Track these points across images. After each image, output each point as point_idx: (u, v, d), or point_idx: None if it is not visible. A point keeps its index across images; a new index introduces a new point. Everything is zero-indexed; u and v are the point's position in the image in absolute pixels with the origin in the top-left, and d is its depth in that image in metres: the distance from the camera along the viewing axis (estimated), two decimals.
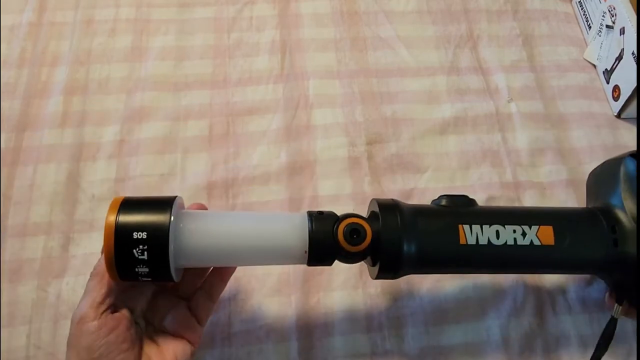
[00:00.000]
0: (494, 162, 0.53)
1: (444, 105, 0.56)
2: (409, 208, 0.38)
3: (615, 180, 0.40)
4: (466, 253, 0.37)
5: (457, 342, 0.45)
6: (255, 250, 0.36)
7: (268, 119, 0.54)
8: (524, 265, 0.40)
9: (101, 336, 0.33)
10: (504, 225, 0.37)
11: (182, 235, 0.34)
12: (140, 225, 0.33)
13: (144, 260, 0.33)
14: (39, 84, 0.55)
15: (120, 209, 0.34)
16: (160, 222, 0.33)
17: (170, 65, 0.57)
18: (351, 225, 0.36)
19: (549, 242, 0.38)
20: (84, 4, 0.60)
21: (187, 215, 0.36)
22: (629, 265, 0.38)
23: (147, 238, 0.33)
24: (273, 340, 0.44)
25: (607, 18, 0.58)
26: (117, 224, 0.33)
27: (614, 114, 0.57)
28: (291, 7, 0.61)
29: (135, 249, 0.33)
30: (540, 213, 0.41)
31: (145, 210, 0.34)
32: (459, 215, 0.38)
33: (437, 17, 0.62)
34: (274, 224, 0.37)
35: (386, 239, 0.36)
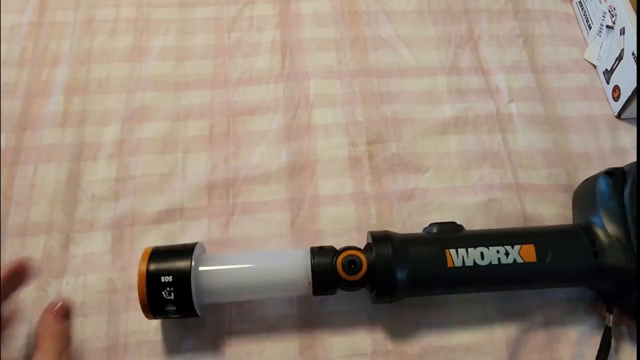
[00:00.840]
0: (494, 162, 0.53)
1: (444, 105, 0.56)
2: (400, 238, 0.42)
3: (592, 199, 0.43)
4: (454, 275, 0.41)
5: (460, 342, 0.45)
6: (265, 286, 0.42)
7: (268, 119, 0.54)
8: (509, 282, 0.43)
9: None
10: (487, 247, 0.41)
11: (201, 277, 0.40)
12: (166, 270, 0.39)
13: (171, 300, 0.39)
14: (39, 83, 0.55)
15: (150, 258, 0.40)
16: (182, 267, 0.39)
17: (170, 65, 0.57)
18: (348, 257, 0.40)
19: (532, 259, 0.41)
20: (85, 4, 0.60)
21: (206, 259, 0.42)
22: (610, 275, 0.41)
23: (172, 281, 0.39)
24: (274, 340, 0.44)
25: (607, 18, 0.58)
26: (148, 271, 0.39)
27: (614, 114, 0.57)
28: (291, 6, 0.61)
29: (163, 290, 0.39)
30: (522, 233, 0.44)
31: (171, 257, 0.40)
32: (445, 241, 0.42)
33: (438, 17, 0.62)
34: (280, 261, 0.42)
35: (380, 267, 0.40)
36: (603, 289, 0.43)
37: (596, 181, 0.43)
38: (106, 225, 0.48)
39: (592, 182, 0.44)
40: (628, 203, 0.41)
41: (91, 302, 0.45)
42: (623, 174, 0.42)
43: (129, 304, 0.45)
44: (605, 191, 0.42)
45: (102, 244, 0.47)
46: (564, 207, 0.51)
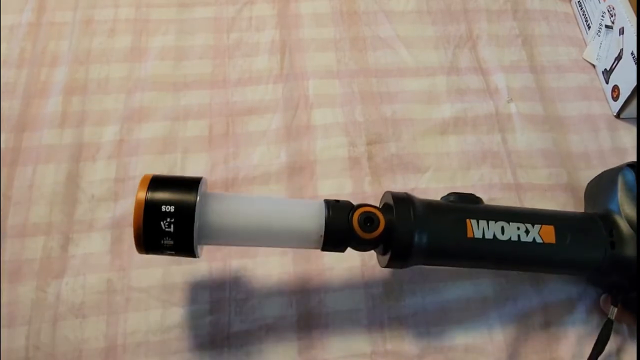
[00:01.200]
0: (494, 162, 0.53)
1: (443, 105, 0.56)
2: (421, 202, 0.40)
3: (613, 188, 0.43)
4: (473, 246, 0.39)
5: (459, 342, 0.45)
6: (274, 232, 0.39)
7: (268, 119, 0.54)
8: (526, 261, 0.41)
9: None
10: (508, 222, 0.40)
11: (207, 212, 0.37)
12: (169, 200, 0.36)
13: (169, 232, 0.35)
14: (38, 84, 0.55)
15: (150, 185, 0.36)
16: (187, 198, 0.36)
17: (169, 65, 0.57)
18: (366, 213, 0.38)
19: (551, 241, 0.40)
20: (84, 4, 0.60)
21: (212, 196, 0.38)
22: (625, 267, 0.41)
23: (174, 212, 0.35)
24: (273, 341, 0.44)
25: (606, 18, 0.58)
26: (147, 197, 0.36)
27: (614, 114, 0.57)
28: (291, 7, 0.61)
29: (163, 220, 0.35)
30: (542, 214, 0.43)
31: (174, 187, 0.37)
32: (467, 211, 0.40)
33: (437, 17, 0.62)
34: (293, 208, 0.39)
35: (399, 228, 0.38)
36: (613, 280, 0.43)
37: (618, 172, 0.43)
38: (105, 226, 0.48)
39: (613, 173, 0.44)
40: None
41: (90, 302, 0.45)
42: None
43: (128, 305, 0.45)
44: (629, 182, 0.42)
45: (102, 245, 0.47)
46: (564, 207, 0.51)
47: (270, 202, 0.40)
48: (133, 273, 0.46)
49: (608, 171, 0.46)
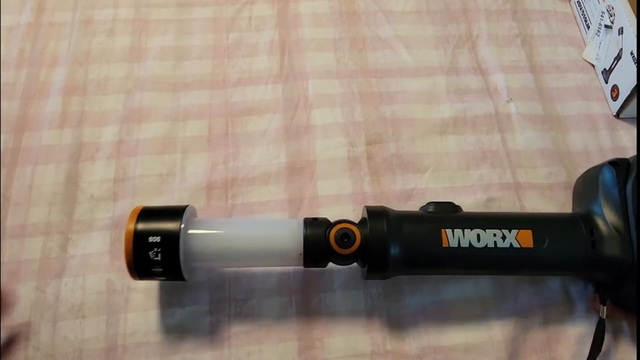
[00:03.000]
0: (493, 162, 0.53)
1: (443, 105, 0.56)
2: (396, 214, 0.42)
3: (594, 188, 0.43)
4: (448, 255, 0.40)
5: (458, 342, 0.45)
6: (255, 253, 0.41)
7: (267, 119, 0.54)
8: (504, 266, 0.42)
9: None
10: (484, 229, 0.40)
11: (190, 240, 0.40)
12: (155, 230, 0.39)
13: (158, 261, 0.38)
14: (37, 84, 0.55)
15: (139, 217, 0.39)
16: (172, 228, 0.39)
17: (169, 65, 0.57)
18: (342, 230, 0.40)
19: (528, 245, 0.40)
20: (83, 4, 0.60)
21: (196, 223, 0.41)
22: (607, 266, 0.41)
23: (160, 242, 0.38)
24: (273, 341, 0.44)
25: (605, 18, 0.58)
26: (136, 229, 0.39)
27: (613, 113, 0.57)
28: (290, 7, 0.61)
29: (150, 251, 0.38)
30: (520, 218, 0.43)
31: (160, 218, 0.39)
32: (442, 220, 0.41)
33: (436, 17, 0.62)
34: (272, 229, 0.42)
35: (373, 242, 0.40)
36: (598, 279, 0.43)
37: (599, 171, 0.43)
38: (105, 226, 0.48)
39: (595, 172, 0.44)
40: (630, 195, 0.41)
41: (90, 303, 0.45)
42: (627, 166, 0.42)
43: (128, 305, 0.45)
44: (608, 181, 0.42)
45: (101, 245, 0.47)
46: (563, 206, 0.51)
47: (251, 225, 0.43)
48: None
49: (591, 169, 0.46)
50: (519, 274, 0.45)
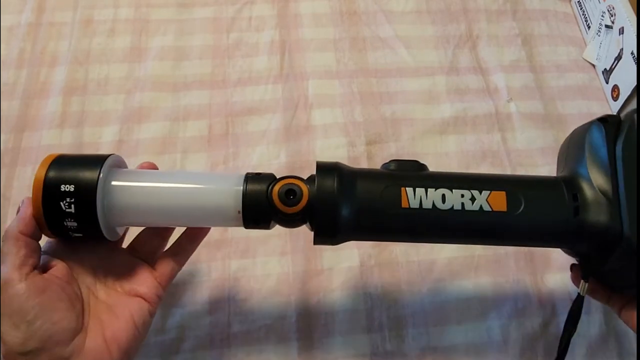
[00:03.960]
0: (494, 162, 0.53)
1: (443, 105, 0.56)
2: (350, 170, 0.37)
3: (581, 149, 0.38)
4: (408, 217, 0.35)
5: (458, 342, 0.45)
6: (188, 209, 0.36)
7: (267, 119, 0.54)
8: (472, 233, 0.37)
9: (31, 297, 0.31)
10: (451, 190, 0.35)
11: (112, 192, 0.34)
12: (69, 179, 0.33)
13: (71, 213, 0.33)
14: (37, 84, 0.55)
15: (52, 165, 0.34)
16: (89, 177, 0.33)
17: (169, 65, 0.57)
18: (287, 185, 0.35)
19: (501, 208, 0.35)
20: (83, 4, 0.60)
21: (120, 173, 0.36)
22: (591, 235, 0.35)
23: (74, 191, 0.33)
24: (273, 341, 0.44)
25: (606, 18, 0.58)
26: (46, 177, 0.33)
27: (613, 113, 0.57)
28: (290, 7, 0.61)
29: (62, 201, 0.33)
30: (493, 178, 0.38)
31: (77, 166, 0.34)
32: (403, 178, 0.36)
33: (437, 17, 0.62)
34: (208, 183, 0.36)
35: (321, 200, 0.34)
36: (581, 251, 0.38)
37: (587, 129, 0.38)
38: None
39: (582, 131, 0.38)
40: (620, 156, 0.35)
41: None
42: (618, 124, 0.37)
43: None
44: (596, 140, 0.37)
45: None
46: None
47: (184, 178, 0.37)
48: None
49: (577, 129, 0.40)
50: (490, 243, 0.39)
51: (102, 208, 0.34)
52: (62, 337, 0.31)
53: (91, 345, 0.32)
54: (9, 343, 0.30)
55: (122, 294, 0.36)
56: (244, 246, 0.48)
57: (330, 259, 0.47)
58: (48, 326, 0.31)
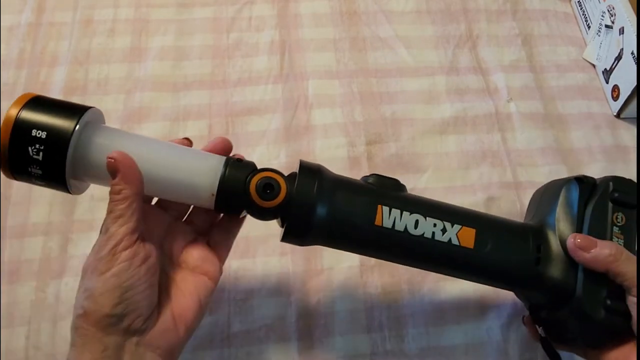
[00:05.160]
0: (494, 161, 0.53)
1: (443, 105, 0.56)
2: (332, 176, 0.37)
3: (554, 201, 0.39)
4: (379, 235, 0.35)
5: (458, 342, 0.45)
6: (161, 180, 0.34)
7: (267, 119, 0.54)
8: (437, 263, 0.38)
9: (134, 265, 0.31)
10: (425, 217, 0.36)
11: (86, 145, 0.33)
12: (42, 125, 0.32)
13: (38, 161, 0.32)
14: (37, 84, 0.55)
15: (27, 104, 0.32)
16: (64, 125, 0.32)
17: (169, 65, 0.57)
18: (266, 179, 0.34)
19: (468, 245, 0.36)
20: (83, 4, 0.60)
21: (98, 129, 0.34)
22: (547, 287, 0.37)
23: (45, 138, 0.32)
24: (273, 341, 0.44)
25: (606, 18, 0.58)
26: (18, 116, 0.32)
27: (614, 113, 0.57)
28: (290, 7, 0.61)
29: (31, 146, 0.31)
30: (467, 214, 0.39)
31: (53, 112, 0.32)
32: (382, 196, 0.36)
33: (437, 17, 0.62)
34: (188, 158, 0.35)
35: (298, 200, 0.34)
36: (534, 300, 0.40)
37: (563, 185, 0.40)
38: None
39: (559, 185, 0.40)
40: (588, 218, 0.37)
41: None
42: (593, 186, 0.39)
43: None
44: (571, 197, 0.38)
45: None
46: None
47: (166, 147, 0.36)
48: None
49: (555, 181, 0.42)
50: (451, 275, 0.40)
51: (71, 162, 0.32)
52: (144, 309, 0.32)
53: (161, 320, 0.33)
54: (100, 302, 0.30)
55: (186, 270, 0.35)
56: (244, 246, 0.48)
57: (330, 259, 0.47)
58: (138, 297, 0.31)
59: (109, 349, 0.30)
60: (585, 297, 0.35)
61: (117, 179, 0.32)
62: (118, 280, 0.31)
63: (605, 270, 0.35)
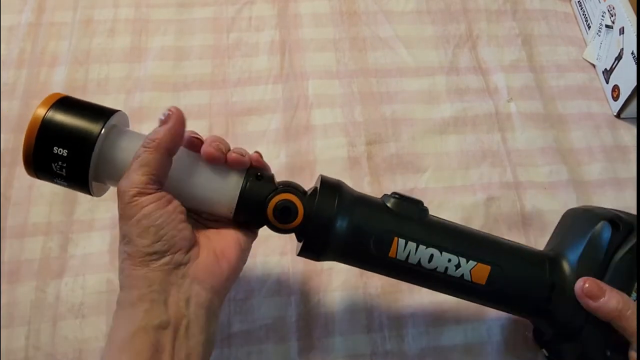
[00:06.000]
0: (494, 161, 0.53)
1: (443, 105, 0.56)
2: (351, 198, 0.37)
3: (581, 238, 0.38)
4: (392, 265, 0.36)
5: (458, 342, 0.45)
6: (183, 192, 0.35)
7: (267, 119, 0.54)
8: (446, 291, 0.39)
9: (161, 206, 0.32)
10: (441, 252, 0.36)
11: (111, 148, 0.34)
12: (69, 126, 0.32)
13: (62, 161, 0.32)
14: (37, 84, 0.55)
15: (55, 105, 0.33)
16: (90, 129, 0.33)
17: (169, 65, 0.57)
18: (283, 202, 0.35)
19: (479, 282, 0.36)
20: (83, 4, 0.60)
21: (124, 133, 0.35)
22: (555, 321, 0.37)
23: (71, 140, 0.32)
24: (273, 341, 0.44)
25: (606, 18, 0.58)
26: (45, 118, 0.32)
27: (614, 113, 0.57)
28: (290, 7, 0.61)
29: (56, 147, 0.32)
30: (487, 246, 0.38)
31: (81, 114, 0.33)
32: (399, 226, 0.36)
33: (437, 17, 0.62)
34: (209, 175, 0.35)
35: (316, 224, 0.35)
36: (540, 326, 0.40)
37: (597, 224, 0.37)
38: (105, 226, 0.48)
39: (591, 222, 0.38)
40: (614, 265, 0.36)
41: (90, 302, 0.45)
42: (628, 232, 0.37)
43: None
44: (601, 239, 0.37)
45: (101, 245, 0.47)
46: (565, 204, 0.51)
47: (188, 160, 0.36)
48: None
49: (589, 211, 0.40)
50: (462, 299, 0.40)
51: (95, 164, 0.33)
52: (182, 244, 0.33)
53: (204, 255, 0.34)
54: (138, 244, 0.32)
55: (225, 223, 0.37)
56: None
57: None
58: (173, 233, 0.33)
59: (155, 284, 0.32)
60: (589, 342, 0.36)
61: (162, 128, 0.33)
62: (149, 220, 0.32)
63: (609, 321, 0.35)
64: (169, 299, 0.32)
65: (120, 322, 0.32)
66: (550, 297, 0.37)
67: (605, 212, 0.39)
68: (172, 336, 0.31)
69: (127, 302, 0.32)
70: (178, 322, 0.32)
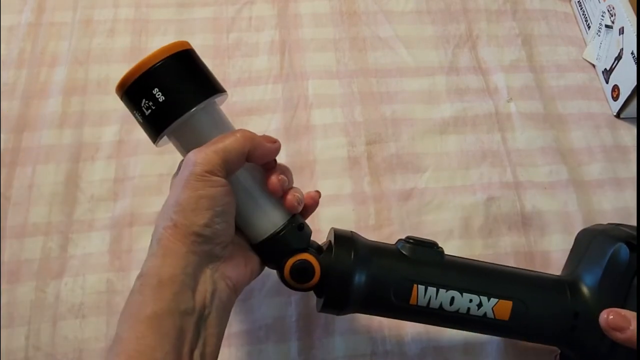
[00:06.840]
0: (493, 161, 0.53)
1: (443, 105, 0.56)
2: (366, 250, 0.37)
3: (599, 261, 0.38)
4: (414, 312, 0.37)
5: (458, 342, 0.45)
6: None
7: (267, 119, 0.54)
8: (470, 330, 0.39)
9: (226, 194, 0.33)
10: (461, 293, 0.36)
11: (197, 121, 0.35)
12: (178, 82, 0.34)
13: (153, 102, 0.33)
14: (37, 84, 0.55)
15: (178, 55, 0.34)
16: (190, 95, 0.34)
17: None
18: (300, 263, 0.36)
19: (503, 318, 0.37)
20: (83, 4, 0.60)
21: (217, 113, 0.36)
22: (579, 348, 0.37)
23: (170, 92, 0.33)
24: (273, 341, 0.44)
25: (606, 18, 0.58)
26: (163, 61, 0.33)
27: (614, 113, 0.57)
28: (290, 7, 0.61)
29: (156, 89, 0.33)
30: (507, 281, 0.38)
31: (196, 75, 0.35)
32: (417, 273, 0.36)
33: (437, 17, 0.62)
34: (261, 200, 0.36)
35: (335, 280, 0.36)
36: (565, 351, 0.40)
37: (615, 245, 0.37)
38: (105, 226, 0.48)
39: (609, 244, 0.38)
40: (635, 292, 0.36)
41: (90, 302, 0.45)
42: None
43: None
44: (618, 262, 0.36)
45: (101, 245, 0.47)
46: (565, 204, 0.51)
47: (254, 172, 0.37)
48: (132, 273, 0.46)
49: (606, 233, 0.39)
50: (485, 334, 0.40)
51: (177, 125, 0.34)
52: (225, 239, 0.34)
53: (236, 255, 0.35)
54: (190, 219, 0.32)
55: None
56: None
57: None
58: (223, 225, 0.33)
59: (189, 267, 0.32)
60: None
61: (261, 136, 0.35)
62: (212, 203, 0.32)
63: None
64: (198, 287, 0.32)
65: (145, 298, 0.31)
66: (575, 325, 0.37)
67: (620, 232, 0.38)
68: (195, 324, 0.31)
69: (155, 277, 0.31)
70: (201, 312, 0.32)
